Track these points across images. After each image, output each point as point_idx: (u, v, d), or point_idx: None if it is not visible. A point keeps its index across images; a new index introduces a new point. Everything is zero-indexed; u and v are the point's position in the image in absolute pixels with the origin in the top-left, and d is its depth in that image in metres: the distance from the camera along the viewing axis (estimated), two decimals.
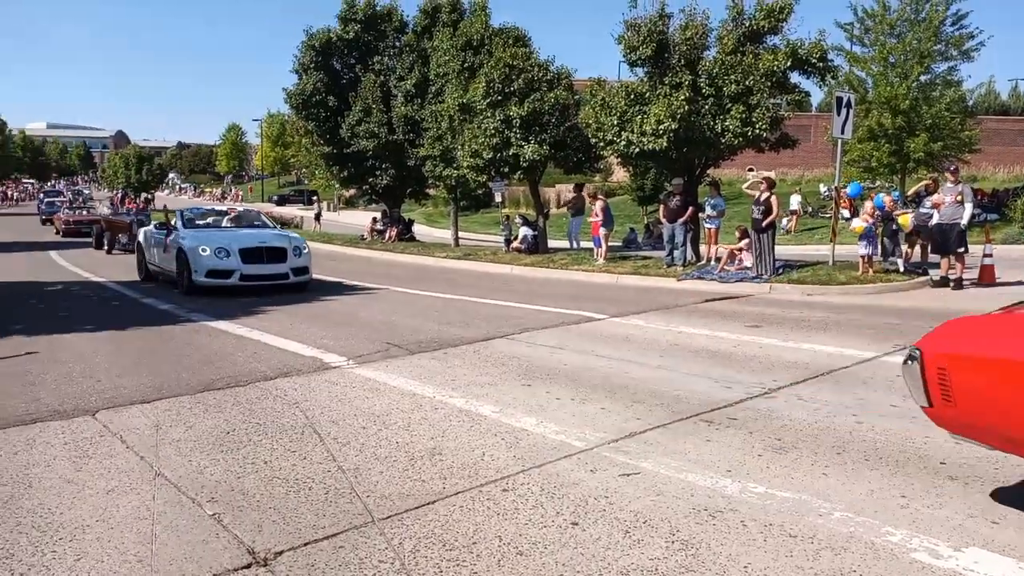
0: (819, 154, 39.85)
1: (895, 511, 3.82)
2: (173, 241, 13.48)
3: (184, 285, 12.81)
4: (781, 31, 15.52)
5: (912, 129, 24.71)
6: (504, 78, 19.62)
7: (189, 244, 12.87)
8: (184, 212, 15.10)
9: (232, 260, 12.55)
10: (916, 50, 25.18)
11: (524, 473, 4.42)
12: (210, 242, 12.77)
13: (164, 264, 13.95)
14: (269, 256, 12.90)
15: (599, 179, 38.78)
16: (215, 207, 16.63)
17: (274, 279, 12.82)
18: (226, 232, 13.95)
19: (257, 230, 14.54)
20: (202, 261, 12.53)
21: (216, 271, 12.51)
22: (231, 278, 12.55)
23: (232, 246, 12.68)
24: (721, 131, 14.78)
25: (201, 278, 12.50)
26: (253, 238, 13.32)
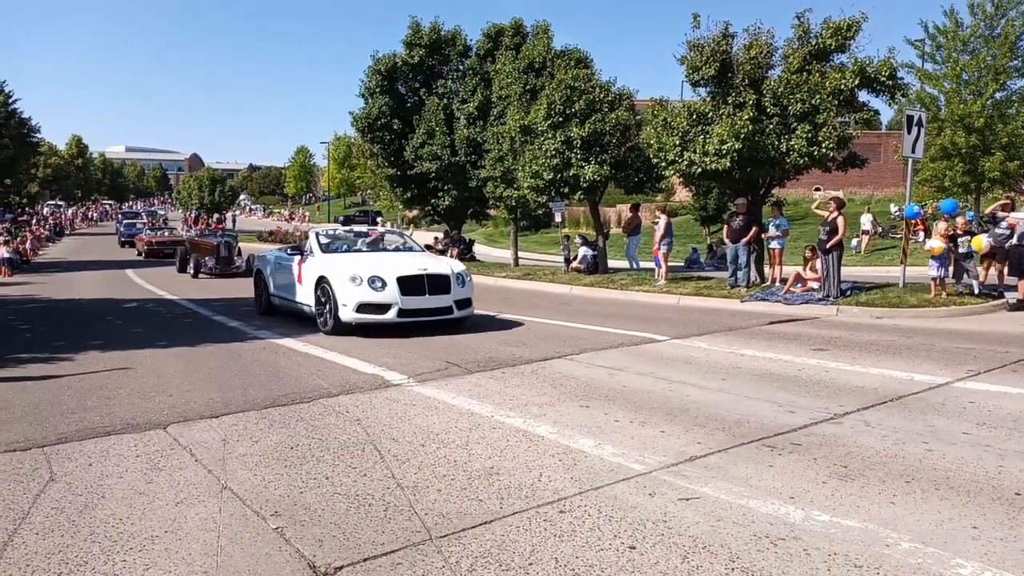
0: (889, 173, 38.82)
1: (966, 543, 3.67)
2: (310, 268, 11.20)
3: (328, 322, 10.54)
4: (848, 49, 15.25)
5: (987, 148, 23.94)
6: (565, 100, 19.73)
7: (334, 272, 10.58)
8: (320, 233, 12.68)
9: (389, 291, 10.24)
10: (991, 67, 24.48)
11: (581, 495, 4.40)
12: (359, 269, 10.48)
13: (295, 295, 11.72)
14: (431, 286, 10.58)
15: (661, 199, 38.56)
16: (353, 229, 14.27)
17: (436, 314, 10.60)
18: (374, 257, 11.56)
19: (408, 254, 12.11)
20: (352, 293, 10.24)
21: (369, 305, 10.25)
22: (387, 313, 10.27)
23: (387, 274, 10.36)
24: (786, 150, 14.54)
25: (351, 313, 10.24)
26: (410, 264, 10.94)
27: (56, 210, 70.82)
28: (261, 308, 13.17)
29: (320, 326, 10.73)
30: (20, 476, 4.85)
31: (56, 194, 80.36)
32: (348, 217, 70.88)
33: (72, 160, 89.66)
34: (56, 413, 6.38)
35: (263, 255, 13.76)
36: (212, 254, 23.41)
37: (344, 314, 10.30)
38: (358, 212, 73.95)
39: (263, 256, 13.67)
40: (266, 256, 13.53)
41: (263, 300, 13.16)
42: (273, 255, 13.20)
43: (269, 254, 13.52)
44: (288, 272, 12.01)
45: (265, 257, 13.51)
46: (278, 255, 12.91)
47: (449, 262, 11.93)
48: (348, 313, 10.27)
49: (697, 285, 16.19)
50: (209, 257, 23.27)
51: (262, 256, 13.75)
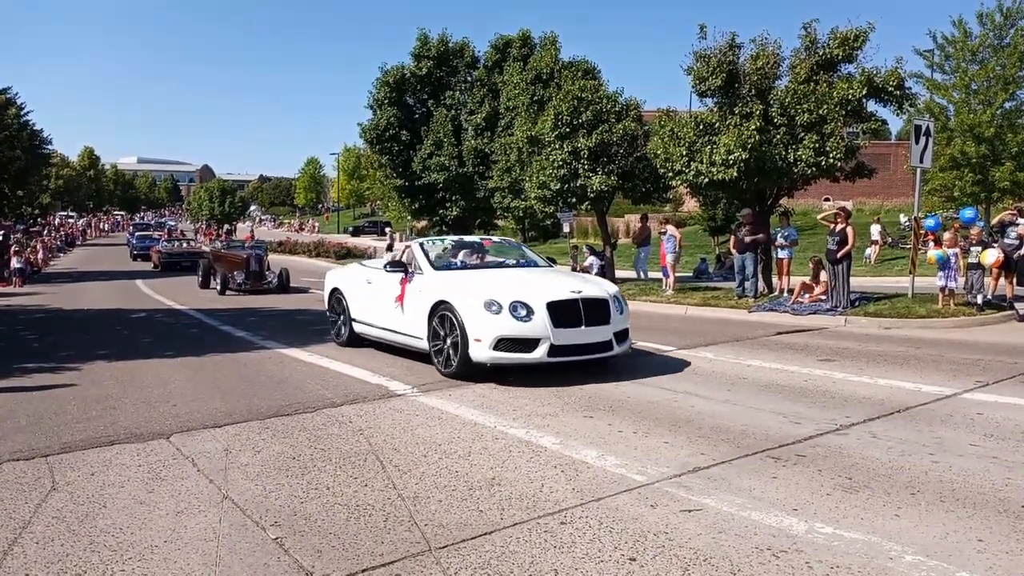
0: (899, 183, 38.67)
1: (971, 555, 3.63)
2: (420, 290, 8.67)
3: (451, 361, 8.02)
4: (856, 59, 15.19)
5: (997, 157, 23.82)
6: (572, 110, 19.77)
7: (460, 295, 8.08)
8: (424, 244, 9.82)
9: (537, 322, 7.67)
10: (1000, 76, 24.37)
11: (583, 506, 4.37)
12: (495, 291, 7.97)
13: (394, 324, 9.14)
14: (588, 314, 7.96)
15: (669, 209, 38.53)
16: (463, 239, 10.70)
17: (594, 351, 8.06)
18: (504, 275, 9.02)
19: (539, 271, 9.49)
20: (488, 323, 7.68)
21: (511, 341, 7.67)
22: (534, 351, 7.67)
23: (533, 298, 7.80)
24: (793, 161, 14.49)
25: (486, 351, 7.69)
26: (556, 284, 8.37)
27: (66, 221, 71.31)
28: (342, 338, 10.44)
29: (438, 365, 8.22)
30: (22, 485, 4.85)
31: (68, 205, 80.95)
32: (357, 228, 71.20)
33: (84, 171, 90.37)
34: (60, 423, 6.40)
35: (340, 271, 11.32)
36: (241, 268, 20.85)
37: (477, 352, 7.73)
38: (367, 223, 74.24)
39: (341, 272, 11.13)
40: (345, 272, 10.99)
41: (343, 328, 10.45)
42: (356, 271, 10.71)
43: (349, 269, 11.08)
44: (382, 294, 9.37)
45: (344, 273, 10.94)
46: (365, 271, 10.37)
47: (600, 282, 9.30)
48: (482, 351, 7.69)
49: (705, 295, 16.14)
50: (238, 272, 20.75)
51: (339, 272, 11.17)
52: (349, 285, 10.45)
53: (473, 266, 9.45)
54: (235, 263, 21.25)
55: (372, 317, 9.71)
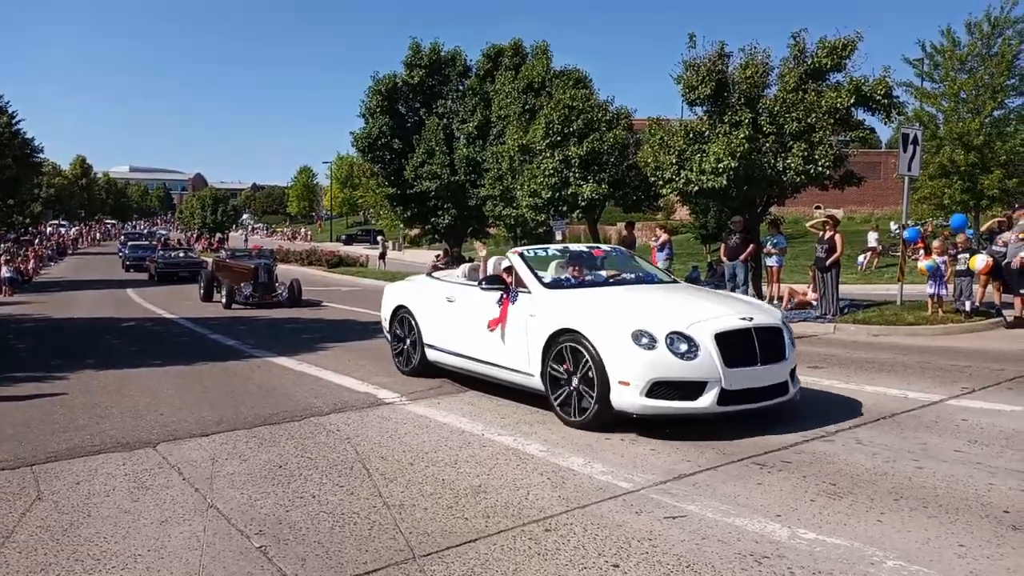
0: (889, 191, 38.87)
1: (952, 560, 3.65)
2: (530, 314, 6.82)
3: (588, 408, 6.14)
4: (844, 68, 15.30)
5: (986, 166, 23.95)
6: (564, 119, 19.88)
7: (596, 323, 6.24)
8: (526, 254, 7.76)
9: (703, 359, 5.88)
10: (988, 85, 24.54)
11: (568, 513, 4.38)
12: (637, 316, 6.21)
13: (492, 354, 7.25)
14: (763, 347, 6.18)
15: (661, 217, 38.63)
16: (569, 248, 8.62)
17: (771, 396, 6.24)
18: (639, 294, 7.28)
19: (671, 288, 7.76)
20: (639, 360, 5.88)
21: (672, 384, 5.87)
22: (700, 398, 5.86)
23: (694, 328, 6.02)
24: (782, 169, 14.57)
25: (636, 398, 5.85)
26: (712, 307, 6.61)
27: (58, 230, 71.04)
28: (412, 366, 8.57)
29: (560, 412, 6.38)
30: (7, 495, 4.84)
31: (59, 214, 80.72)
32: (350, 236, 71.20)
33: (76, 180, 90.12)
34: (47, 432, 6.38)
35: (406, 285, 9.25)
36: (248, 280, 19.29)
37: (623, 398, 5.90)
38: (360, 231, 74.28)
39: (409, 287, 9.12)
40: (415, 286, 9.00)
41: (412, 354, 8.58)
42: (431, 285, 8.71)
43: (420, 283, 9.07)
44: (472, 316, 7.56)
45: (413, 288, 8.95)
46: (444, 286, 8.37)
47: (761, 304, 7.62)
48: (630, 397, 5.86)
49: None
50: (245, 283, 19.19)
51: (406, 287, 9.16)
52: (422, 303, 8.51)
53: (590, 283, 7.42)
54: (242, 274, 19.78)
55: (456, 343, 7.84)
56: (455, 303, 7.96)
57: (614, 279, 7.78)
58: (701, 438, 5.84)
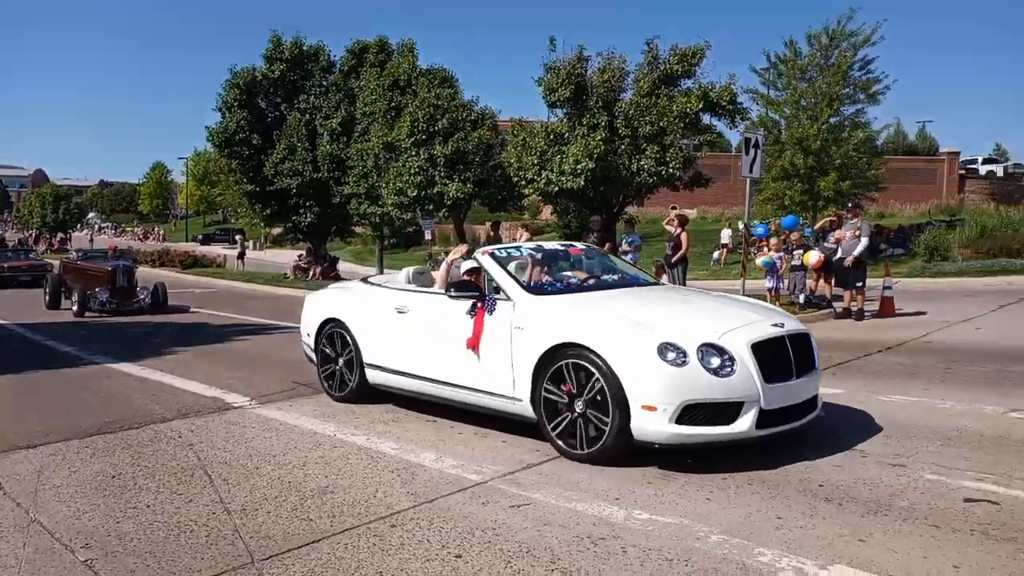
0: (739, 192, 41.01)
1: (770, 532, 3.93)
2: (516, 323, 5.64)
3: (602, 440, 5.04)
4: (694, 75, 16.16)
5: (823, 169, 25.77)
6: (429, 118, 19.88)
7: (600, 332, 5.20)
8: (498, 253, 6.49)
9: (741, 375, 4.95)
10: (826, 94, 26.32)
11: (415, 508, 4.39)
12: (660, 326, 5.21)
13: (466, 376, 5.98)
14: (797, 358, 5.36)
15: (528, 217, 39.27)
16: (542, 244, 7.92)
17: (805, 414, 5.41)
18: (642, 298, 6.21)
19: (667, 291, 7.29)
20: (667, 379, 4.87)
21: (707, 407, 4.89)
22: (736, 421, 4.92)
23: (727, 337, 5.10)
24: (637, 170, 15.22)
25: (664, 424, 4.85)
26: (732, 312, 5.74)
27: None
28: (346, 391, 7.12)
29: (565, 446, 5.26)
30: None
31: None
32: (207, 236, 68.12)
33: None
34: None
35: (338, 293, 7.78)
36: (104, 284, 16.88)
37: (647, 424, 4.88)
38: (218, 230, 71.25)
39: (340, 295, 7.62)
40: (350, 295, 7.45)
41: (347, 376, 7.11)
42: (372, 294, 7.21)
43: (357, 291, 7.47)
44: (435, 331, 6.32)
45: (348, 297, 7.43)
46: (392, 295, 6.89)
47: (774, 308, 6.77)
48: (657, 424, 4.85)
49: None
50: (101, 288, 16.76)
51: (337, 295, 7.68)
52: (362, 315, 7.02)
53: (580, 286, 6.38)
54: (96, 277, 17.33)
55: (409, 363, 6.49)
56: (408, 314, 6.55)
57: (606, 282, 6.61)
58: None
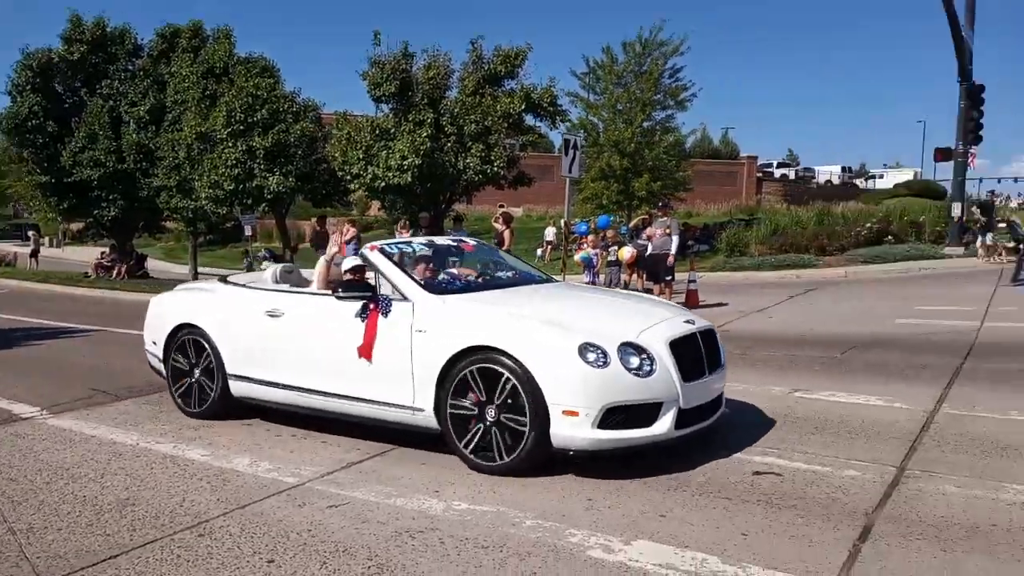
0: (563, 192, 42.72)
1: (580, 514, 4.12)
2: (417, 326, 5.18)
3: (518, 447, 4.71)
4: (517, 76, 16.55)
5: (637, 170, 27.28)
6: (247, 108, 19.02)
7: (514, 333, 4.86)
8: (388, 249, 5.97)
9: (661, 375, 4.79)
10: (639, 99, 27.91)
11: (225, 516, 4.21)
12: (578, 326, 4.95)
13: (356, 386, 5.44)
14: (709, 355, 5.30)
15: (356, 212, 38.61)
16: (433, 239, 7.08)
17: (714, 412, 5.33)
18: (551, 296, 5.97)
19: (570, 288, 7.07)
20: (590, 382, 4.61)
21: (629, 409, 4.67)
22: (655, 423, 4.74)
23: (645, 335, 4.94)
24: (462, 168, 15.37)
25: (586, 430, 4.58)
26: (643, 311, 5.56)
27: None
28: (205, 406, 6.35)
29: (478, 459, 4.87)
30: None
31: None
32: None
33: None
34: None
35: (191, 295, 6.94)
36: None
37: (568, 431, 4.61)
38: (8, 226, 64.52)
39: (196, 297, 6.79)
40: (208, 296, 6.67)
41: (207, 389, 6.33)
42: (237, 295, 6.47)
43: (218, 292, 6.69)
44: (316, 336, 5.77)
45: (206, 299, 6.63)
46: (261, 296, 6.24)
47: (671, 304, 6.73)
48: (579, 429, 4.59)
49: None
50: None
51: (191, 297, 6.83)
52: (224, 319, 6.27)
53: (481, 285, 5.99)
54: None
55: (286, 373, 5.84)
56: (283, 319, 5.91)
57: (494, 279, 6.30)
58: (372, 427, 5.93)
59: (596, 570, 3.46)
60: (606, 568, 3.48)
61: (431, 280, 5.76)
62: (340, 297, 5.54)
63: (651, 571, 3.43)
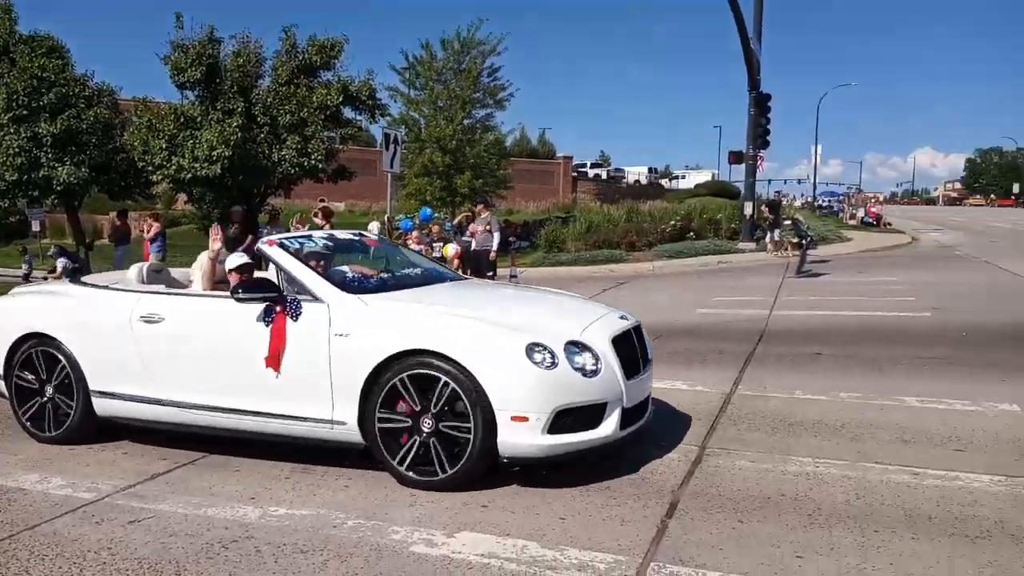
0: (386, 186, 42.28)
1: (403, 510, 4.11)
2: (339, 329, 4.64)
3: (461, 459, 4.34)
4: (334, 67, 16.15)
5: (459, 167, 27.56)
6: (31, 91, 17.19)
7: (453, 334, 4.49)
8: (290, 244, 5.32)
9: (606, 373, 4.57)
10: (459, 96, 28.18)
11: (12, 539, 3.81)
12: (520, 325, 4.69)
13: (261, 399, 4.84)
14: (642, 351, 5.18)
15: (160, 206, 36.06)
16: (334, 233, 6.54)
17: (646, 409, 5.16)
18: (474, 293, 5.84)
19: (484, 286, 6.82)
20: (539, 384, 4.34)
21: (577, 411, 4.41)
22: (601, 424, 4.50)
23: (587, 332, 4.76)
24: (278, 160, 14.79)
25: (536, 436, 4.29)
26: (573, 307, 5.47)
27: None
28: (64, 428, 5.48)
29: (417, 475, 4.45)
30: None
31: None
32: None
33: None
34: None
35: (37, 298, 6.11)
36: None
37: (519, 437, 4.31)
38: None
39: (42, 301, 5.95)
40: (63, 299, 5.77)
41: (65, 409, 5.48)
42: (98, 297, 5.61)
43: (69, 293, 5.85)
44: (204, 342, 5.10)
45: (58, 302, 5.77)
46: (131, 298, 5.44)
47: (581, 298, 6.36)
48: (530, 436, 4.31)
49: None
50: None
51: (37, 301, 6.01)
52: (86, 326, 5.42)
53: (396, 284, 5.47)
54: None
55: (173, 388, 5.12)
56: (162, 324, 5.16)
57: (405, 276, 5.73)
58: (180, 433, 5.58)
59: (419, 565, 3.47)
60: (429, 562, 3.49)
61: (342, 278, 5.20)
62: (241, 299, 4.83)
63: (474, 561, 3.49)
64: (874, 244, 25.55)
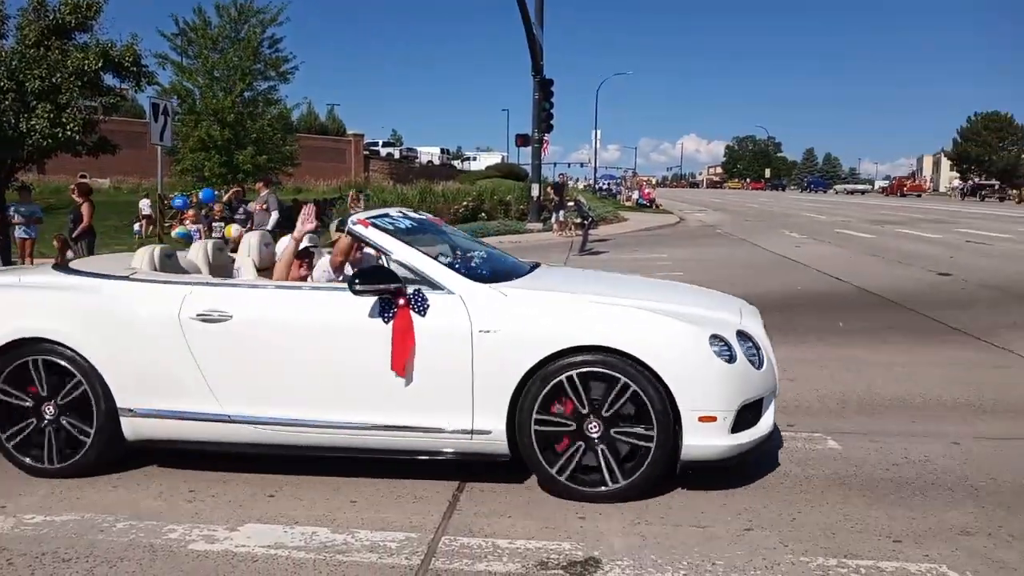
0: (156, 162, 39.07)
1: (182, 507, 3.89)
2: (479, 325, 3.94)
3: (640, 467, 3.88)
4: (92, 29, 14.62)
5: (240, 142, 26.08)
6: None
7: (644, 328, 3.96)
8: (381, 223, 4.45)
9: (766, 363, 4.23)
10: (238, 67, 26.58)
11: None
12: (694, 314, 4.20)
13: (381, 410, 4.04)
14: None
15: None
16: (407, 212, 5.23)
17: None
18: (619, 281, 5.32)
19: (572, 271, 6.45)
20: (729, 378, 3.94)
21: (750, 408, 4.04)
22: (763, 419, 4.13)
23: (745, 319, 4.46)
24: (27, 131, 13.18)
25: (724, 437, 3.90)
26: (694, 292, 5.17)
27: None
28: (80, 457, 4.27)
29: (575, 484, 3.93)
30: None
31: None
32: None
33: None
34: None
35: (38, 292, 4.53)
36: None
37: (706, 439, 3.89)
38: None
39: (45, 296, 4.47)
40: (74, 295, 4.40)
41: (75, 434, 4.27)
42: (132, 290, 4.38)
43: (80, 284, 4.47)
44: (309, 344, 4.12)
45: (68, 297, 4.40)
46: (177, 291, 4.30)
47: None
48: (717, 436, 3.90)
49: None
50: None
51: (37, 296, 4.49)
52: (112, 328, 4.27)
53: (504, 271, 4.66)
54: None
55: (250, 402, 4.17)
56: (229, 323, 4.15)
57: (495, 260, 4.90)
58: None
59: (199, 563, 3.30)
60: (211, 559, 3.33)
61: (467, 266, 4.50)
62: (359, 291, 4.00)
63: (259, 553, 3.38)
64: (648, 224, 27.65)
